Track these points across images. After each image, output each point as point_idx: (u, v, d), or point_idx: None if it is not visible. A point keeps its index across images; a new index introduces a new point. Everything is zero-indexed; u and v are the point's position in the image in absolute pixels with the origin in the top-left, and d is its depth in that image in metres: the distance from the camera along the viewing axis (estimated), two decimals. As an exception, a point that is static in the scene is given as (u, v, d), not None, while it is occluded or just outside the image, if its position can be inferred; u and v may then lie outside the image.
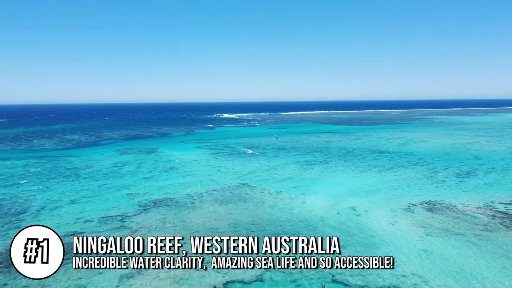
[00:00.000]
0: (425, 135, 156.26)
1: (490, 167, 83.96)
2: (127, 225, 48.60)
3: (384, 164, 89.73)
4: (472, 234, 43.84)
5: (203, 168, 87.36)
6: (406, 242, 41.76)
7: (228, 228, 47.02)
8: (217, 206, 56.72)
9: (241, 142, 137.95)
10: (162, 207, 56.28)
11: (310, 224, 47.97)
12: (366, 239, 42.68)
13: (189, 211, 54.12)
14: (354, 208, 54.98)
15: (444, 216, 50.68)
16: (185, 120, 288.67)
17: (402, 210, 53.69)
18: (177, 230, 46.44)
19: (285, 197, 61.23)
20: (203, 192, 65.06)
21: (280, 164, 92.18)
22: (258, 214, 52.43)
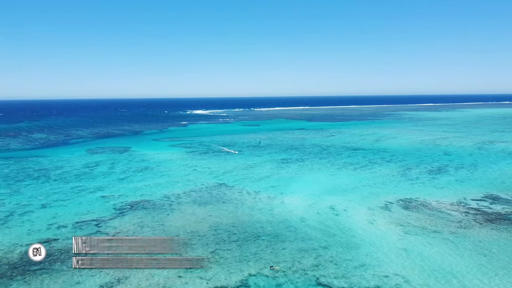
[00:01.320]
0: (396, 131, 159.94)
1: (459, 163, 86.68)
2: (103, 230, 47.04)
3: (359, 161, 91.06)
4: (448, 231, 44.98)
5: (178, 168, 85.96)
6: (386, 241, 42.37)
7: (208, 231, 46.32)
8: (196, 207, 55.84)
9: (216, 140, 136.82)
10: (139, 210, 54.87)
11: (291, 225, 47.94)
12: (347, 239, 43.03)
13: (167, 214, 53.01)
14: (333, 207, 55.40)
15: (420, 213, 51.81)
16: (158, 117, 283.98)
17: (379, 208, 54.53)
18: (156, 234, 45.33)
19: (264, 197, 61.01)
20: (180, 193, 63.93)
21: (256, 162, 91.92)
22: (238, 216, 51.97)
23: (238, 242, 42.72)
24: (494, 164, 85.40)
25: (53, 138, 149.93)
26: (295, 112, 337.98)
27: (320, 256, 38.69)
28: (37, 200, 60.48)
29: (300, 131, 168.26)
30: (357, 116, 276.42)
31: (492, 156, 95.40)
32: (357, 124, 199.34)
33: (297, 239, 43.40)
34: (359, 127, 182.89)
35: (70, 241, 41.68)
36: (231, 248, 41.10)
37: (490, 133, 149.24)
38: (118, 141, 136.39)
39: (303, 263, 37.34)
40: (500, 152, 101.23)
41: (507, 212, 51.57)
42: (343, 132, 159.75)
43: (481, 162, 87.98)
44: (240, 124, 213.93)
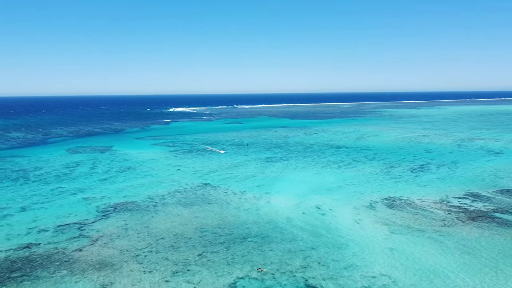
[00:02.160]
0: (378, 128, 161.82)
1: (440, 161, 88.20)
2: (86, 233, 45.93)
3: (343, 160, 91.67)
4: (433, 230, 45.61)
5: (162, 168, 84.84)
6: (372, 241, 42.65)
7: (194, 233, 45.76)
8: (181, 209, 55.13)
9: (200, 138, 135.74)
10: (122, 212, 53.82)
11: (278, 226, 47.80)
12: (334, 240, 43.14)
13: (152, 216, 52.16)
14: (319, 207, 55.51)
15: (404, 212, 52.40)
16: (139, 115, 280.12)
17: (364, 207, 54.91)
18: (142, 237, 44.53)
19: (249, 197, 60.71)
20: (165, 194, 63.05)
21: (241, 161, 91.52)
22: (224, 217, 51.54)
23: (225, 244, 42.32)
24: (473, 161, 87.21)
25: (31, 137, 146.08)
26: (278, 110, 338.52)
27: (308, 257, 38.66)
28: (15, 203, 58.68)
29: (283, 129, 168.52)
30: (339, 113, 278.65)
31: (471, 154, 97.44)
32: (339, 122, 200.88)
33: (284, 240, 43.27)
34: (342, 124, 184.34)
35: (52, 246, 40.81)
36: (218, 250, 40.68)
37: (468, 130, 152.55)
38: (99, 140, 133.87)
39: (291, 264, 37.23)
40: (479, 150, 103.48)
41: (488, 210, 52.64)
42: (326, 129, 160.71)
43: (461, 159, 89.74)
44: (223, 122, 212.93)
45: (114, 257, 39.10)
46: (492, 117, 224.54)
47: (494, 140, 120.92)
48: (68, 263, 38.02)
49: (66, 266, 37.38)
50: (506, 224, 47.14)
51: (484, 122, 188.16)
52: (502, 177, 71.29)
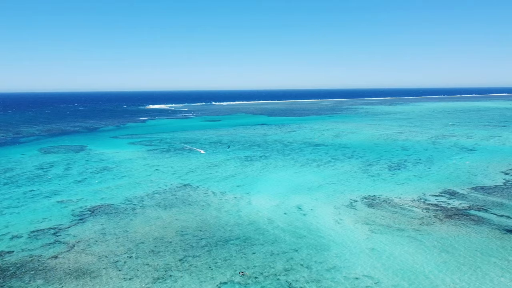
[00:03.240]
0: (355, 126, 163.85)
1: (417, 158, 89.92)
2: (62, 239, 44.38)
3: (322, 158, 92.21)
4: (412, 229, 46.29)
5: (140, 168, 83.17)
6: (354, 241, 42.92)
7: (175, 236, 44.92)
8: (161, 211, 54.09)
9: (177, 136, 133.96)
10: (100, 216, 52.35)
11: (260, 227, 47.50)
12: (316, 241, 43.18)
13: (130, 219, 50.94)
14: (300, 207, 55.54)
15: (384, 211, 53.03)
16: (115, 112, 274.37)
17: (345, 207, 55.28)
18: (120, 242, 43.37)
19: (230, 198, 60.18)
20: (143, 196, 61.76)
21: (220, 160, 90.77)
22: (205, 219, 50.86)
23: (207, 247, 41.72)
24: (448, 158, 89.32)
25: (0, 136, 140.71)
26: (255, 107, 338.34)
27: (291, 260, 38.52)
28: (-14, 208, 56.21)
29: (261, 126, 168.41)
30: (316, 110, 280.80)
31: (446, 151, 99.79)
32: (317, 119, 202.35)
33: (267, 242, 43.02)
34: (319, 122, 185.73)
35: (26, 253, 39.25)
36: (200, 254, 40.05)
37: (442, 127, 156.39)
38: (73, 139, 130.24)
39: (274, 267, 37.01)
40: (453, 146, 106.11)
41: (464, 207, 53.89)
42: (304, 127, 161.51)
43: (437, 156, 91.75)
44: (201, 119, 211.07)
45: (92, 264, 37.90)
46: (463, 113, 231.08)
47: (467, 137, 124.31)
48: (44, 271, 36.61)
49: (42, 275, 35.97)
50: (481, 222, 48.34)
51: (456, 119, 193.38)
52: (475, 174, 73.22)
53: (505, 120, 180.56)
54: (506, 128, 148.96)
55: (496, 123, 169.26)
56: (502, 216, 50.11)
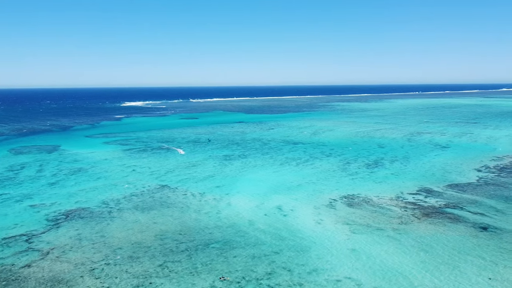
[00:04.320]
0: (332, 123, 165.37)
1: (393, 156, 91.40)
2: (35, 246, 42.70)
3: (300, 156, 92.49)
4: (391, 228, 46.85)
5: (116, 169, 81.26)
6: (334, 242, 43.06)
7: (154, 241, 43.96)
8: (139, 214, 52.89)
9: (154, 135, 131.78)
10: (75, 220, 50.72)
11: (240, 230, 47.07)
12: (297, 242, 43.10)
13: (107, 223, 49.56)
14: (280, 207, 55.40)
15: (363, 210, 53.50)
16: (88, 110, 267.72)
17: (325, 206, 55.49)
18: (97, 248, 42.08)
19: (209, 199, 59.47)
20: (120, 198, 60.28)
21: (198, 160, 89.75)
22: (185, 221, 50.03)
23: (187, 252, 40.99)
24: (423, 156, 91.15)
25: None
26: (233, 104, 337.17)
27: (273, 263, 38.28)
28: (-48, 214, 53.61)
29: (239, 124, 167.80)
30: (293, 107, 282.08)
31: (421, 148, 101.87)
32: (294, 116, 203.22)
33: (248, 244, 42.64)
34: (297, 119, 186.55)
35: (-3, 263, 37.44)
36: (180, 259, 39.29)
37: (416, 124, 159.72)
38: (45, 139, 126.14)
39: (256, 271, 36.68)
40: (427, 144, 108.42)
41: (440, 206, 55.00)
42: (282, 125, 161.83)
43: (412, 154, 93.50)
44: (178, 117, 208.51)
45: (68, 273, 36.60)
46: (436, 110, 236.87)
47: (440, 134, 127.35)
48: (16, 281, 35.10)
49: (14, 285, 34.47)
50: (457, 220, 49.41)
51: (430, 116, 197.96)
52: (450, 172, 74.94)
53: (476, 117, 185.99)
54: (477, 125, 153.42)
55: (468, 120, 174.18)
56: (477, 214, 51.37)
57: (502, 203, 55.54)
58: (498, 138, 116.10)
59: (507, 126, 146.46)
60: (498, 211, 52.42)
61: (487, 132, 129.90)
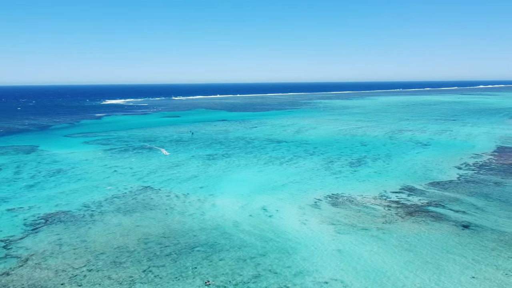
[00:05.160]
0: (315, 121, 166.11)
1: (376, 154, 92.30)
2: (14, 253, 41.34)
3: (284, 155, 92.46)
4: (375, 228, 47.16)
5: (97, 169, 79.60)
6: (320, 243, 43.07)
7: (138, 245, 43.13)
8: (121, 217, 51.84)
9: (136, 134, 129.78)
10: (55, 225, 49.36)
11: (225, 232, 46.62)
12: (283, 244, 42.94)
13: (89, 227, 48.40)
14: (265, 208, 55.17)
15: (347, 210, 53.74)
16: (67, 108, 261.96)
17: (309, 206, 55.51)
18: (79, 253, 41.01)
19: (193, 200, 58.79)
20: (102, 201, 59.01)
21: (181, 159, 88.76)
22: (169, 224, 49.29)
23: (172, 256, 40.34)
24: (405, 154, 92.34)
25: None
26: (215, 102, 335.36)
27: (259, 265, 38.02)
28: None
29: (222, 122, 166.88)
30: (276, 105, 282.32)
31: (402, 146, 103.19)
32: (277, 114, 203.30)
33: (233, 247, 42.25)
34: (280, 117, 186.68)
35: (-27, 272, 36.12)
36: (165, 263, 38.63)
37: (397, 121, 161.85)
38: (22, 139, 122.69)
39: (242, 274, 36.35)
40: (408, 141, 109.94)
41: (423, 204, 55.71)
42: (264, 123, 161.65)
43: (394, 152, 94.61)
44: (160, 115, 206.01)
45: (48, 280, 35.53)
46: (416, 107, 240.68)
47: (421, 131, 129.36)
48: (-6, 291, 33.87)
49: (-8, 295, 33.25)
50: (440, 218, 50.13)
51: (410, 113, 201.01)
52: (431, 169, 76.08)
53: (454, 114, 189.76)
54: (456, 122, 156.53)
55: (447, 117, 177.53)
56: (458, 212, 52.23)
57: (482, 201, 56.64)
58: (476, 135, 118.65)
59: (484, 123, 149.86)
60: (478, 208, 53.42)
61: (466, 129, 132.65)
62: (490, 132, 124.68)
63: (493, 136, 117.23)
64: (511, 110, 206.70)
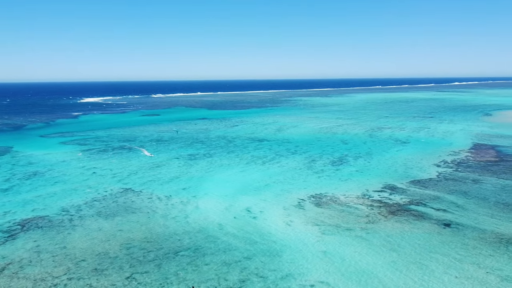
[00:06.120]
0: (295, 119, 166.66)
1: (357, 152, 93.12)
2: (-11, 262, 39.70)
3: (266, 155, 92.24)
4: (360, 228, 47.43)
5: (75, 171, 77.52)
6: (305, 245, 42.99)
7: (120, 251, 42.07)
8: (102, 221, 50.53)
9: (114, 134, 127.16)
10: (32, 231, 47.70)
11: (210, 235, 46.02)
12: (269, 246, 42.66)
13: (68, 233, 46.96)
14: (249, 209, 54.79)
15: (331, 210, 53.90)
16: (42, 107, 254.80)
17: (293, 207, 55.43)
18: (58, 261, 39.69)
19: (176, 203, 57.88)
20: (81, 204, 57.43)
21: (162, 160, 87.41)
22: (152, 228, 48.32)
23: (155, 261, 39.50)
24: (385, 152, 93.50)
25: None
26: (195, 99, 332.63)
27: (245, 269, 37.62)
28: None
29: (203, 121, 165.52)
30: (256, 103, 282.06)
31: (382, 143, 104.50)
32: (258, 112, 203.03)
33: (218, 251, 41.71)
34: (261, 115, 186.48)
35: None
36: (148, 270, 37.78)
37: (377, 119, 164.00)
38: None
39: (229, 279, 35.89)
40: (388, 139, 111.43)
41: (405, 203, 56.41)
42: (245, 121, 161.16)
43: (375, 150, 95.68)
44: (138, 114, 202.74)
45: (26, 290, 34.20)
46: (394, 105, 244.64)
47: (400, 129, 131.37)
48: (-32, 303, 32.37)
49: (-34, 308, 31.76)
50: (422, 217, 50.83)
51: (388, 110, 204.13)
52: (411, 167, 77.23)
53: (431, 111, 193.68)
54: (433, 119, 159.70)
55: (424, 114, 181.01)
56: (439, 210, 53.09)
57: (462, 199, 57.76)
58: (453, 133, 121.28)
59: (460, 120, 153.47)
60: (458, 206, 54.44)
61: (443, 127, 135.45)
62: (466, 129, 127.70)
63: (469, 133, 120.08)
64: (484, 107, 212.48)
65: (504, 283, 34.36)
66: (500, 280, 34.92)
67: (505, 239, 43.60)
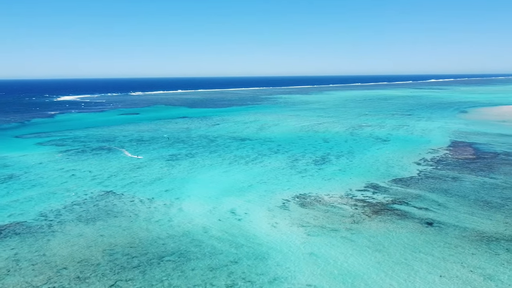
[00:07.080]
0: (276, 117, 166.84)
1: (339, 151, 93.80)
2: (-36, 273, 38.05)
3: (249, 154, 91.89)
4: (345, 228, 47.67)
5: (52, 174, 75.37)
6: (292, 247, 42.90)
7: (103, 257, 41.01)
8: (83, 227, 49.21)
9: (93, 133, 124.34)
10: (10, 238, 46.03)
11: (195, 238, 45.40)
12: (255, 249, 42.37)
13: (48, 239, 45.53)
14: (234, 211, 54.36)
15: (316, 210, 54.02)
16: (16, 106, 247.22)
17: (278, 208, 55.31)
18: (38, 270, 38.38)
19: (159, 205, 56.93)
20: (60, 209, 55.82)
21: (143, 161, 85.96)
22: (135, 232, 47.34)
23: (140, 267, 38.67)
24: (367, 150, 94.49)
25: None
26: (174, 97, 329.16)
27: (232, 274, 37.22)
28: None
29: (183, 119, 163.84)
30: (237, 100, 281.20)
31: (363, 142, 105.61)
32: (239, 110, 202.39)
33: (204, 255, 41.17)
34: (242, 113, 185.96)
35: None
36: (133, 277, 36.94)
37: (357, 117, 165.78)
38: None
39: (215, 285, 35.44)
40: (368, 137, 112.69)
41: (388, 202, 57.05)
42: (227, 119, 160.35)
43: (356, 148, 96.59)
44: (117, 112, 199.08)
45: (5, 302, 32.94)
46: (373, 102, 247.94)
47: (380, 127, 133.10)
48: None
49: None
50: (405, 216, 51.49)
51: (368, 108, 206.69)
52: (393, 166, 78.25)
53: (409, 109, 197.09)
54: (411, 116, 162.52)
55: (403, 111, 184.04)
56: (422, 209, 53.90)
57: (442, 197, 58.81)
58: (431, 130, 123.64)
59: (437, 118, 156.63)
60: (440, 205, 55.40)
61: (421, 124, 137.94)
62: (444, 127, 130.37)
63: (447, 130, 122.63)
64: (460, 104, 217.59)
65: (487, 282, 35.07)
66: (483, 279, 35.63)
67: (486, 236, 44.58)
